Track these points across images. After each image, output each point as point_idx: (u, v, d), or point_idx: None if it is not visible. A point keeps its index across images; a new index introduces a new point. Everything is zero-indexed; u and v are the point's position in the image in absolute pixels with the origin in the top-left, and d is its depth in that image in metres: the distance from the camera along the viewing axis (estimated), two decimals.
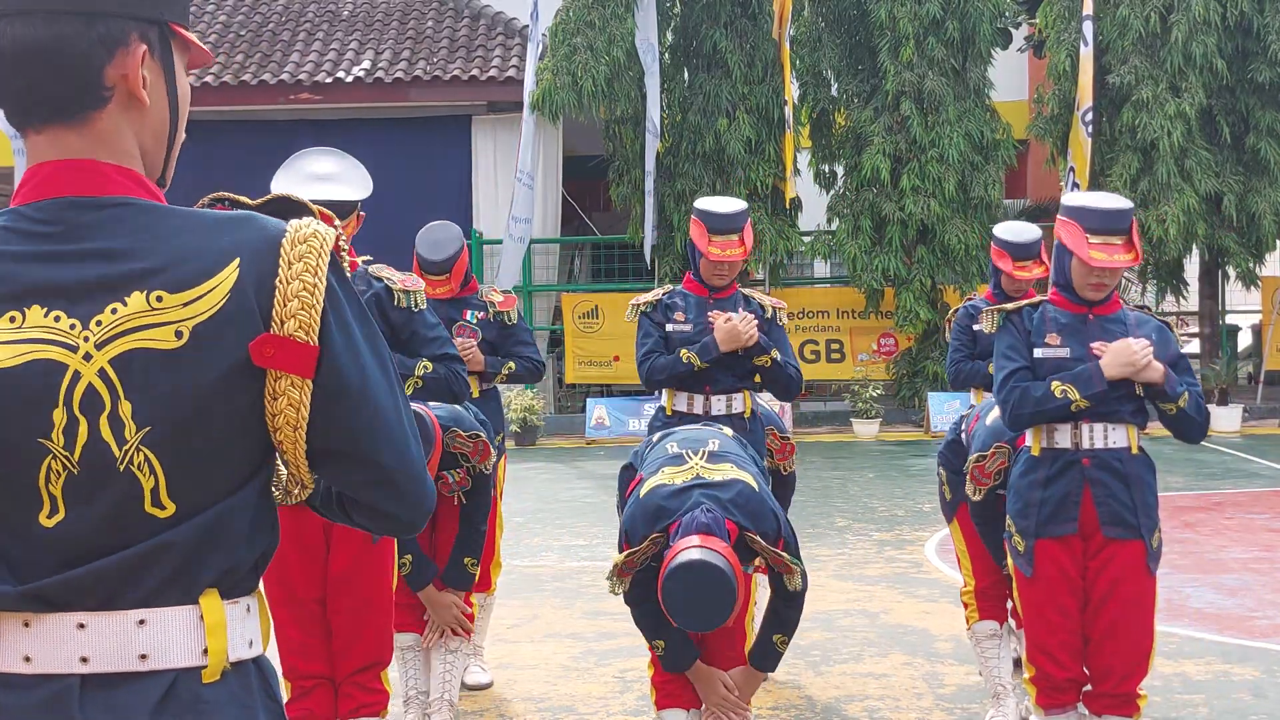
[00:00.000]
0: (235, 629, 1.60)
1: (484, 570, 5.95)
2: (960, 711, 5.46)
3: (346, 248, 1.75)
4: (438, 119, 17.43)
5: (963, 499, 5.04)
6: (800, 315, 17.57)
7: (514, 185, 15.94)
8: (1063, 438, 4.12)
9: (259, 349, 1.55)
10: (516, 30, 18.30)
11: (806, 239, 17.48)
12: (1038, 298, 4.36)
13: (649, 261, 16.66)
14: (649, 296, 5.50)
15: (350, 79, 17.22)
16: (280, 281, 1.57)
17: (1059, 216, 4.22)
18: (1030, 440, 4.20)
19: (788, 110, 16.42)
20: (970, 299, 5.83)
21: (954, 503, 5.23)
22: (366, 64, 17.57)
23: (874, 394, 16.30)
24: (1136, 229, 4.16)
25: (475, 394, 5.76)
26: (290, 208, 1.76)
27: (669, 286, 5.57)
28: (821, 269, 20.10)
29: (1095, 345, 4.12)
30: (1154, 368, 4.05)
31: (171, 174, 1.72)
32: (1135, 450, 4.14)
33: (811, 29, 17.49)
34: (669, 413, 5.35)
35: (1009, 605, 5.07)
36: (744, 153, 16.50)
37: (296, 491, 1.70)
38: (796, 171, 17.01)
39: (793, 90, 16.83)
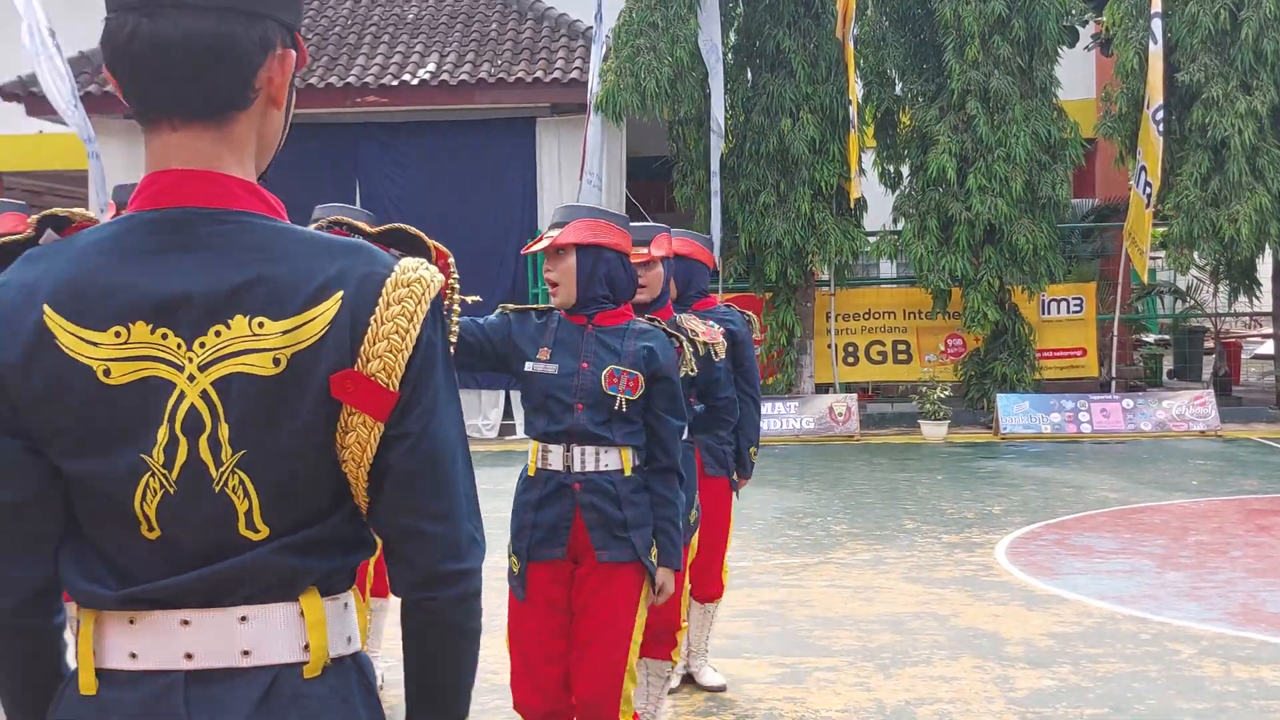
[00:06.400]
0: (335, 625, 1.61)
1: None
2: (1033, 715, 5.42)
3: (457, 292, 1.72)
4: (502, 121, 17.49)
5: None
6: (866, 316, 17.47)
7: (581, 186, 15.96)
8: (555, 459, 3.93)
9: (340, 382, 1.54)
10: (580, 32, 18.35)
11: (872, 239, 17.38)
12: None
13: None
14: None
15: (416, 81, 17.32)
16: (375, 320, 1.55)
17: None
18: (530, 460, 4.01)
19: (852, 110, 16.33)
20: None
21: None
22: (431, 67, 17.67)
23: (942, 395, 16.18)
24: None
25: None
26: (407, 239, 1.72)
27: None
28: (887, 269, 20.00)
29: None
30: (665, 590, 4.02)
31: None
32: (629, 472, 3.93)
33: (875, 28, 17.38)
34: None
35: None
36: (808, 153, 16.45)
37: None
38: (861, 171, 16.92)
39: (857, 90, 16.73)
